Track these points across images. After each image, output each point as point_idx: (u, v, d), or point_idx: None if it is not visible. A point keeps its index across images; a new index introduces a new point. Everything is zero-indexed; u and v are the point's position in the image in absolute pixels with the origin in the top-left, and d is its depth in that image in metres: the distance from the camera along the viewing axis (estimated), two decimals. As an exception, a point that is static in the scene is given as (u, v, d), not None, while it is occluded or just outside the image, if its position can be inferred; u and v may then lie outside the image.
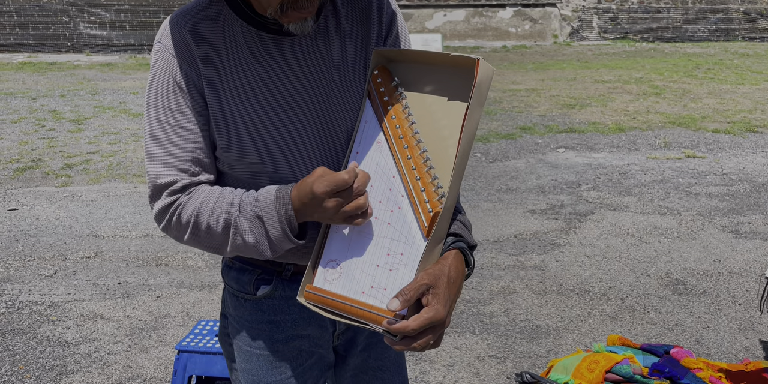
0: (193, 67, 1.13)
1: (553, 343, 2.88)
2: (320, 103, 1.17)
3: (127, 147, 6.03)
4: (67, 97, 8.10)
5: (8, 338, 2.95)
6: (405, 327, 1.00)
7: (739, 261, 3.67)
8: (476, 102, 1.05)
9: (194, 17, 1.14)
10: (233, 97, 1.13)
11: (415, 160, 1.09)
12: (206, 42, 1.13)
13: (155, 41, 1.16)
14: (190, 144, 1.15)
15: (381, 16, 1.23)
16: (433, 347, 1.05)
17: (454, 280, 1.05)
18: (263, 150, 1.15)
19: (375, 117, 1.16)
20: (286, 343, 1.28)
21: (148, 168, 1.16)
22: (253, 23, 1.14)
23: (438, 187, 1.06)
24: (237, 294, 1.29)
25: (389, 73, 1.16)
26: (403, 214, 1.08)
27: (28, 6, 11.58)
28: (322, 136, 1.17)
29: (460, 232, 1.14)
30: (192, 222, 1.14)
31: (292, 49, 1.15)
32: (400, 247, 1.07)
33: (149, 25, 11.76)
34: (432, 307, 1.01)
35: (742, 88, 8.38)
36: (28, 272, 3.60)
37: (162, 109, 1.14)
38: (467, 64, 1.06)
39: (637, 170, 5.26)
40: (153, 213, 1.18)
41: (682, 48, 12.13)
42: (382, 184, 1.11)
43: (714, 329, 2.98)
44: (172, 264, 3.70)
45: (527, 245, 3.89)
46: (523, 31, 12.94)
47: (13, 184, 5.06)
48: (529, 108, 7.43)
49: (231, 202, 1.12)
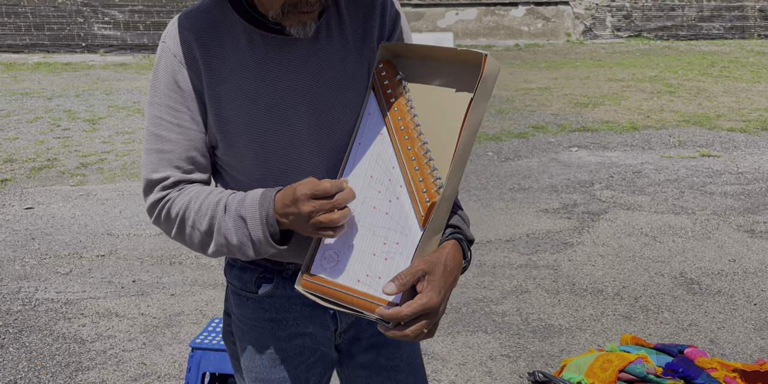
0: (194, 68, 1.14)
1: (566, 343, 2.87)
2: (320, 102, 1.17)
3: (141, 146, 6.08)
4: (82, 97, 8.17)
5: (25, 335, 2.99)
6: (398, 313, 1.00)
7: (754, 261, 3.63)
8: (480, 96, 1.05)
9: (198, 18, 1.15)
10: (233, 98, 1.14)
11: (415, 151, 1.09)
12: (208, 43, 1.14)
13: (160, 40, 1.18)
14: (185, 142, 1.16)
15: (384, 16, 1.23)
16: (428, 336, 1.04)
17: (450, 268, 1.06)
18: (261, 150, 1.15)
19: (378, 109, 1.17)
20: (288, 340, 1.29)
21: (144, 163, 1.18)
22: (255, 23, 1.15)
23: (437, 178, 1.07)
24: (239, 292, 1.30)
25: (394, 67, 1.17)
26: (401, 204, 1.09)
27: (43, 7, 11.69)
28: (321, 136, 1.17)
29: (459, 224, 1.15)
30: (179, 217, 1.15)
31: (294, 49, 1.16)
32: (397, 237, 1.08)
33: (162, 25, 11.83)
34: (425, 294, 1.01)
35: (758, 87, 8.29)
36: (44, 270, 3.64)
37: (162, 107, 1.16)
38: (474, 60, 1.06)
39: (651, 169, 5.23)
40: (145, 206, 1.20)
41: (697, 46, 12.02)
42: (381, 175, 1.12)
43: (729, 329, 2.96)
44: (185, 262, 3.73)
45: (540, 244, 3.88)
46: (535, 29, 12.89)
47: (29, 183, 5.11)
48: (541, 107, 7.40)
49: (218, 202, 1.13)
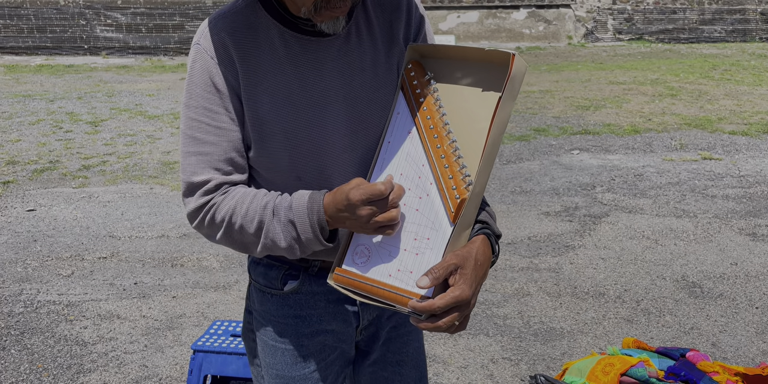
0: (231, 69, 1.16)
1: (568, 346, 2.87)
2: (353, 102, 1.20)
3: (143, 149, 6.08)
4: (84, 99, 8.18)
5: (27, 337, 2.99)
6: (431, 305, 1.02)
7: (756, 264, 3.63)
8: (508, 95, 1.07)
9: (232, 20, 1.17)
10: (269, 97, 1.16)
11: (444, 149, 1.12)
12: (244, 44, 1.16)
13: (193, 43, 1.19)
14: (224, 143, 1.17)
15: (410, 19, 1.26)
16: (460, 329, 1.07)
17: (481, 263, 1.08)
18: (296, 149, 1.17)
19: (407, 109, 1.19)
20: (311, 337, 1.31)
21: (183, 166, 1.19)
22: (288, 25, 1.17)
23: (466, 175, 1.09)
24: (263, 289, 1.32)
25: (422, 68, 1.20)
26: (431, 201, 1.11)
27: (45, 9, 11.71)
28: (354, 135, 1.20)
29: (487, 220, 1.17)
30: (226, 222, 1.16)
31: (326, 50, 1.18)
32: (427, 232, 1.10)
33: (165, 27, 11.85)
34: (458, 287, 1.03)
35: (760, 90, 8.29)
36: (46, 272, 3.65)
37: (198, 109, 1.17)
38: (502, 59, 1.08)
39: (653, 172, 5.23)
40: (186, 211, 1.20)
41: (698, 49, 12.02)
42: (411, 172, 1.15)
43: (731, 333, 2.96)
44: (187, 264, 3.73)
45: (541, 247, 3.88)
46: (537, 32, 12.89)
47: (31, 186, 5.12)
48: (543, 109, 7.41)
49: (265, 205, 1.14)
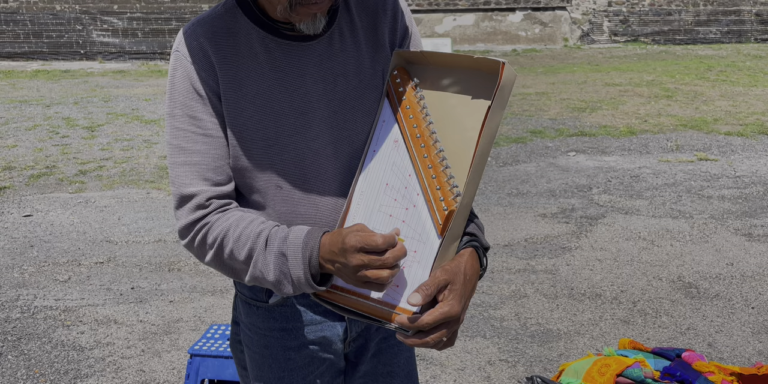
0: (211, 74, 1.13)
1: (564, 347, 2.87)
2: (336, 108, 1.16)
3: (139, 153, 6.08)
4: (80, 104, 8.18)
5: (23, 343, 2.99)
6: (420, 321, 1.00)
7: (752, 264, 3.64)
8: (498, 104, 1.04)
9: (211, 25, 1.15)
10: (250, 104, 1.13)
11: (432, 159, 1.09)
12: (223, 49, 1.13)
13: (173, 50, 1.16)
14: (212, 151, 1.14)
15: (395, 23, 1.23)
16: (448, 346, 1.04)
17: (469, 277, 1.06)
18: (277, 156, 1.14)
19: (393, 116, 1.16)
20: (298, 350, 1.28)
21: (172, 178, 1.15)
22: (268, 30, 1.14)
23: (453, 186, 1.06)
24: (249, 301, 1.28)
25: (408, 74, 1.16)
26: (418, 212, 1.08)
27: (41, 15, 11.72)
28: (337, 143, 1.16)
29: (475, 232, 1.15)
30: (217, 244, 1.12)
31: (308, 55, 1.15)
32: (414, 245, 1.07)
33: (161, 32, 11.86)
34: (447, 303, 1.01)
35: (755, 90, 8.31)
36: (43, 277, 3.64)
37: (183, 118, 1.14)
38: (491, 67, 1.05)
39: (649, 173, 5.24)
40: (178, 226, 1.16)
41: (694, 50, 12.05)
42: (397, 182, 1.11)
43: (727, 333, 2.96)
44: (184, 269, 3.73)
45: (538, 249, 3.88)
46: (533, 34, 12.92)
47: (27, 191, 5.12)
48: (539, 111, 7.42)
49: (259, 233, 1.10)
